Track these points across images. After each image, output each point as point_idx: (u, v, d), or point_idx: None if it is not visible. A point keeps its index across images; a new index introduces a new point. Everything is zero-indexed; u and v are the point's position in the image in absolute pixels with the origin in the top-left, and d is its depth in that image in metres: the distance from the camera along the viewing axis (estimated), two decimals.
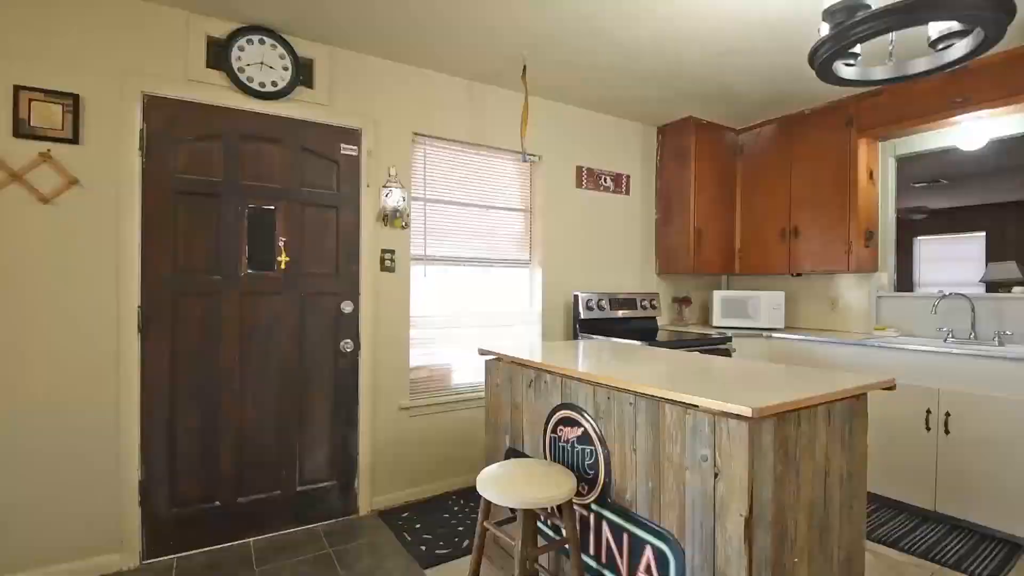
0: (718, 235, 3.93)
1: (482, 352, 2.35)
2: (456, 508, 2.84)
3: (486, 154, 3.28)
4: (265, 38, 2.54)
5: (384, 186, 2.86)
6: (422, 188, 3.05)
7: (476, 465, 3.15)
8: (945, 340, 3.09)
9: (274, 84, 2.56)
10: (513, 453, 2.15)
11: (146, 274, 2.32)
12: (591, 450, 1.73)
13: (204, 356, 2.44)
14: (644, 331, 3.65)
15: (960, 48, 1.47)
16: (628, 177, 3.91)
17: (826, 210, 3.45)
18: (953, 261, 7.11)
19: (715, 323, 3.87)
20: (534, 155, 3.46)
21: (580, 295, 3.47)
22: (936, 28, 1.55)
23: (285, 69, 2.59)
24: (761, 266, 3.87)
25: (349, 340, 2.75)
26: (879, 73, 1.62)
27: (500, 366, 2.26)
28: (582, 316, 3.46)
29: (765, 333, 3.51)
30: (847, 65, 1.63)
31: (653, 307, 3.83)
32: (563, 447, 1.86)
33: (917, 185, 5.69)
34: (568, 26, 2.51)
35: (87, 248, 2.21)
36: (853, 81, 1.63)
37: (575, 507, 1.79)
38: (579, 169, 3.65)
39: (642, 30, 2.54)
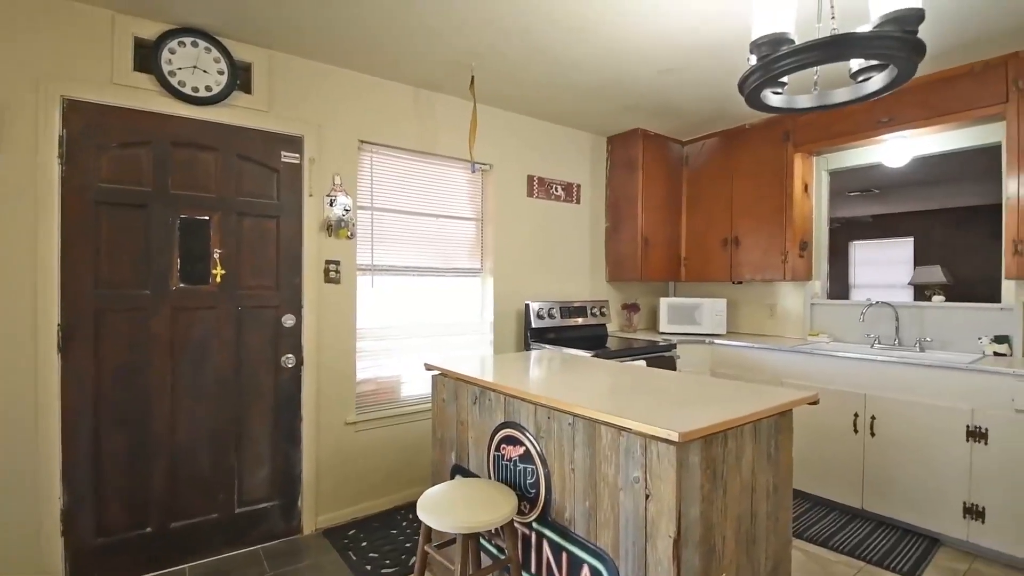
0: (665, 243, 4.02)
1: (428, 367, 2.32)
2: (404, 523, 2.80)
3: (436, 162, 3.25)
4: (199, 41, 2.42)
5: (328, 195, 2.79)
6: (369, 197, 2.99)
7: (426, 477, 3.12)
8: (872, 346, 3.27)
9: (208, 89, 2.45)
10: (458, 470, 2.14)
11: (66, 290, 2.18)
12: (532, 469, 1.74)
13: (132, 375, 2.31)
14: (594, 338, 3.71)
15: (877, 81, 1.55)
16: (579, 186, 3.96)
17: (764, 221, 3.59)
18: (885, 264, 7.55)
19: (662, 329, 3.97)
20: (485, 164, 3.45)
21: (531, 304, 3.48)
22: (856, 62, 1.63)
23: (221, 73, 2.48)
24: (705, 273, 3.99)
25: (291, 355, 2.66)
26: (804, 101, 1.70)
27: (446, 381, 2.24)
28: (534, 325, 3.47)
29: (708, 339, 3.63)
30: (775, 93, 1.70)
31: (603, 314, 3.90)
32: (506, 465, 1.87)
33: (852, 194, 6.00)
34: (512, 40, 2.51)
35: (1, 262, 2.06)
36: (780, 109, 1.70)
37: (517, 525, 1.80)
38: (530, 178, 3.66)
39: (586, 47, 2.57)
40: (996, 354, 2.81)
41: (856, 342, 3.41)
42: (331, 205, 2.79)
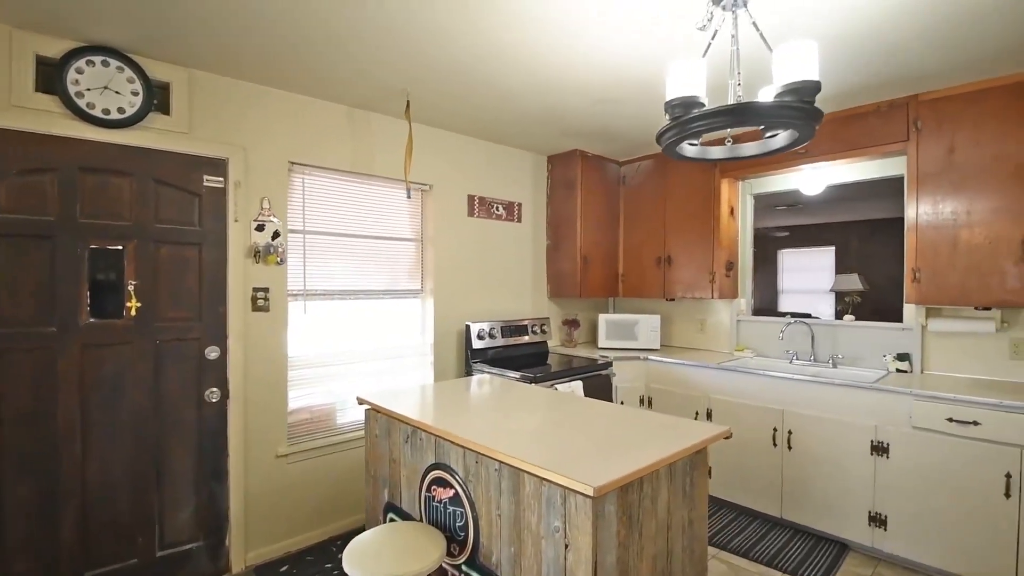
0: (603, 260, 4.12)
1: (360, 401, 2.29)
2: (340, 555, 2.75)
3: (372, 183, 3.19)
4: (109, 59, 2.28)
5: (256, 219, 2.69)
6: (301, 220, 2.91)
7: (363, 504, 3.08)
8: (791, 361, 3.48)
9: (121, 110, 2.31)
10: (392, 508, 2.13)
11: None
12: (462, 512, 1.75)
13: (38, 419, 2.15)
14: (535, 357, 3.76)
15: (781, 139, 1.65)
16: (520, 205, 3.99)
17: (694, 241, 3.75)
18: (810, 271, 8.03)
19: (601, 344, 4.07)
20: (424, 184, 3.42)
21: (472, 325, 3.49)
22: None
23: (135, 94, 2.34)
24: (641, 290, 4.12)
25: (215, 388, 2.55)
26: (717, 153, 1.79)
27: (378, 417, 2.22)
28: (475, 346, 3.48)
29: (643, 355, 3.75)
30: (691, 144, 1.78)
31: (544, 331, 3.95)
32: (436, 507, 1.87)
33: (779, 208, 6.35)
34: (446, 72, 2.50)
35: None
36: (694, 159, 1.78)
37: (446, 566, 1.80)
38: (471, 198, 3.66)
39: (521, 78, 2.59)
40: (899, 370, 3.05)
41: (777, 357, 3.62)
42: (259, 230, 2.70)
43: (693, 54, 2.26)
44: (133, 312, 2.36)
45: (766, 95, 1.62)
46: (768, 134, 1.73)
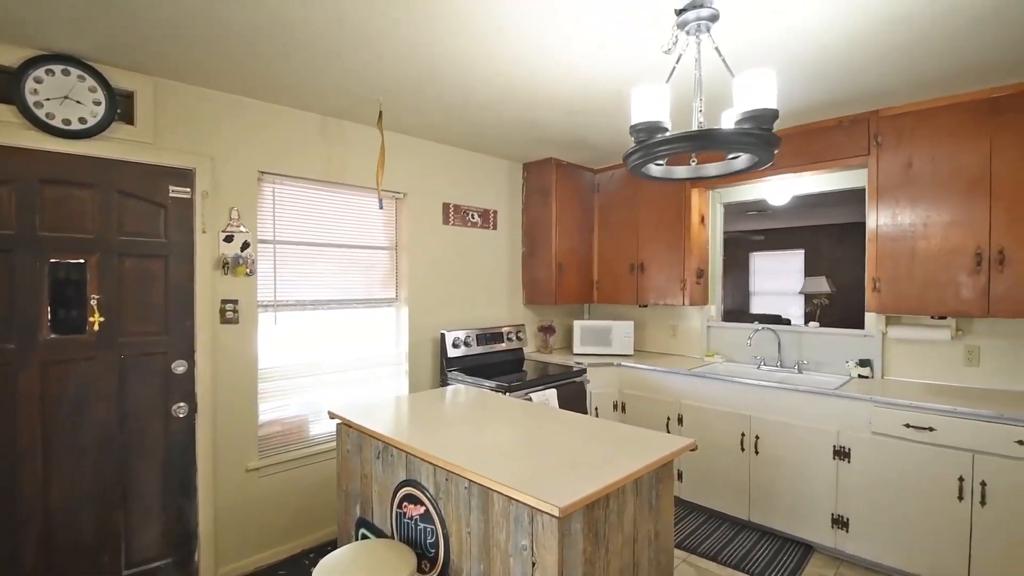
0: (578, 268, 4.17)
1: (332, 415, 2.28)
2: (312, 568, 2.73)
3: (345, 192, 3.17)
4: (70, 68, 2.22)
5: (225, 230, 2.66)
6: (272, 230, 2.87)
7: (336, 516, 3.05)
8: (759, 367, 3.57)
9: (83, 121, 2.25)
10: (363, 523, 2.12)
11: None
12: (432, 529, 1.76)
13: None
14: (511, 364, 3.78)
15: (742, 162, 1.70)
16: (495, 212, 4.01)
17: (666, 249, 3.82)
18: (781, 273, 8.22)
19: (576, 350, 4.11)
20: (399, 193, 3.41)
21: (447, 334, 3.49)
22: None
23: (97, 104, 2.28)
24: (616, 296, 4.18)
25: (183, 403, 2.51)
26: (681, 172, 1.83)
27: (350, 432, 2.21)
28: (450, 355, 3.49)
29: (616, 361, 3.80)
30: (657, 164, 1.81)
31: (519, 339, 3.98)
32: (407, 523, 1.88)
33: (750, 213, 6.49)
34: (420, 82, 2.50)
35: None
36: (660, 178, 1.82)
37: None
38: (446, 206, 3.66)
39: (495, 90, 2.61)
40: (860, 376, 3.16)
41: (746, 362, 3.70)
42: (228, 241, 2.66)
43: (661, 72, 2.30)
44: (96, 327, 2.31)
45: (728, 118, 1.66)
46: (730, 156, 1.77)
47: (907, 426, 2.56)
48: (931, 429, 2.50)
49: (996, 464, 2.34)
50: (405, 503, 1.89)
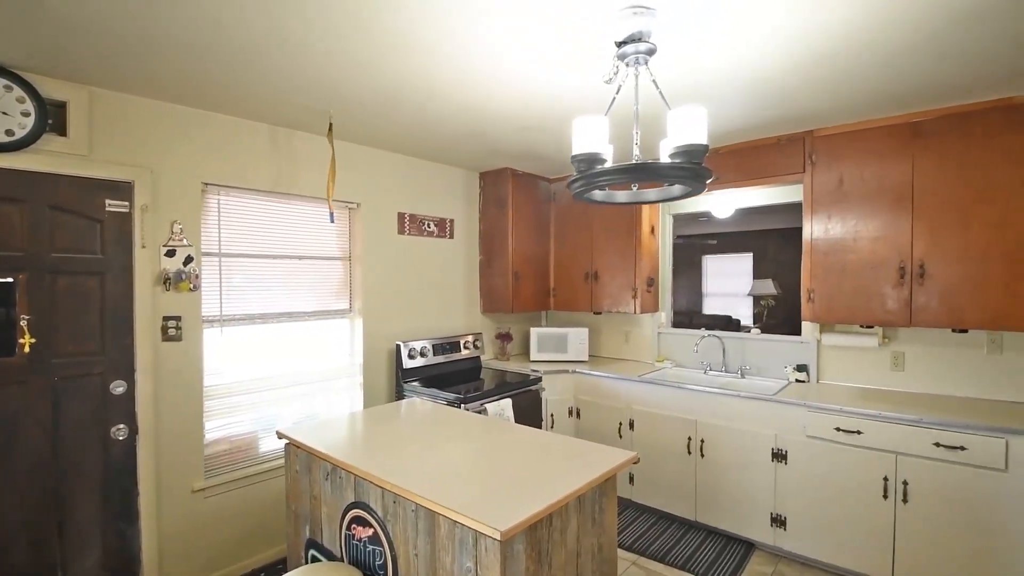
0: (534, 276, 4.22)
1: (280, 435, 2.25)
2: None
3: (296, 202, 3.12)
4: None
5: (166, 245, 2.58)
6: (217, 242, 2.80)
7: (286, 538, 3.01)
8: (705, 372, 3.71)
9: (10, 133, 2.14)
10: (313, 545, 2.11)
11: None
12: (381, 551, 1.78)
13: None
14: (468, 373, 3.80)
15: (677, 191, 1.78)
16: (452, 221, 4.01)
17: (618, 258, 3.92)
18: (732, 276, 8.51)
19: (533, 357, 4.17)
20: (352, 202, 3.37)
21: (403, 345, 3.49)
22: None
23: (26, 115, 2.18)
24: (572, 304, 4.26)
25: (123, 425, 2.43)
26: (622, 197, 1.90)
27: (299, 452, 2.19)
28: (405, 366, 3.48)
29: (572, 368, 3.88)
30: (599, 189, 1.87)
31: (477, 347, 4.00)
32: (357, 545, 1.88)
33: (702, 219, 6.71)
34: (370, 96, 2.49)
35: None
36: (602, 202, 1.88)
37: None
38: (401, 215, 3.65)
39: (445, 105, 2.61)
40: (798, 380, 3.34)
41: (694, 367, 3.85)
42: (169, 256, 2.58)
43: (606, 98, 2.37)
44: (27, 349, 2.20)
45: (665, 148, 1.73)
46: (667, 183, 1.85)
47: (838, 429, 2.73)
48: (859, 432, 2.67)
49: (917, 464, 2.52)
50: (354, 525, 1.89)
